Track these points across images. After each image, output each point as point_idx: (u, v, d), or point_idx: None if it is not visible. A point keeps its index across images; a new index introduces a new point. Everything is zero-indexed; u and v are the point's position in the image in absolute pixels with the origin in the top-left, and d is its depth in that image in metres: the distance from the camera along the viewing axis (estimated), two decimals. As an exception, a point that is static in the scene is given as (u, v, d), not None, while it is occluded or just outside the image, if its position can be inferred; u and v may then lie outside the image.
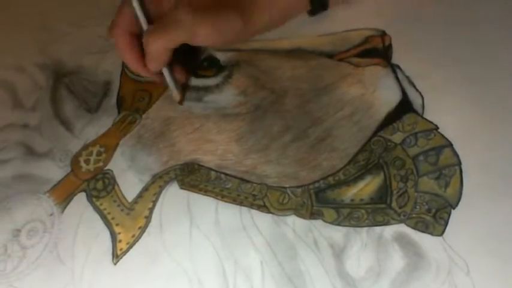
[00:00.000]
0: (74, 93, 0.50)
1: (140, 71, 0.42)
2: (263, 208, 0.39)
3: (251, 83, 0.46)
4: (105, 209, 0.41)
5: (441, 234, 0.36)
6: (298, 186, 0.40)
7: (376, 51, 0.46)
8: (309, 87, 0.45)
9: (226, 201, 0.40)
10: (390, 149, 0.41)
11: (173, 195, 0.41)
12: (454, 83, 0.43)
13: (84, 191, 0.43)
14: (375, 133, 0.42)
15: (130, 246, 0.39)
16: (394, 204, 0.38)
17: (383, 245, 0.36)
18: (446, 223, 0.37)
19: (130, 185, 0.42)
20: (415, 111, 0.42)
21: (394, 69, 0.45)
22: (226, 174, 0.42)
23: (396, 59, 0.46)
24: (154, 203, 0.41)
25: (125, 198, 0.41)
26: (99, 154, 0.44)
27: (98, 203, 0.42)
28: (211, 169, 0.42)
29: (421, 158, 0.40)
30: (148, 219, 0.40)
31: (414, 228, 0.37)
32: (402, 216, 0.37)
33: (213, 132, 0.44)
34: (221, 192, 0.41)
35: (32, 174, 0.45)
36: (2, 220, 0.42)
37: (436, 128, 0.41)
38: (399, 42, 0.46)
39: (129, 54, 0.41)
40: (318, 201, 0.39)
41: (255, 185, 0.41)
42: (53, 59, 0.53)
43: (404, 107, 0.43)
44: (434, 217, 0.37)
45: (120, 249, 0.39)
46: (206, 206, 0.40)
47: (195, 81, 0.47)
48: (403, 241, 0.36)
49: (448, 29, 0.47)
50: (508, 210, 0.36)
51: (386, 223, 0.37)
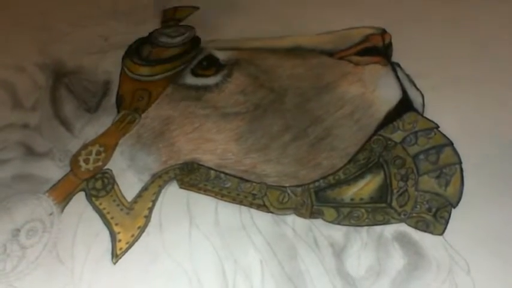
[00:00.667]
0: (73, 93, 0.49)
1: None
2: (263, 207, 0.39)
3: (250, 82, 0.46)
4: (104, 209, 0.41)
5: (442, 233, 0.36)
6: (298, 186, 0.40)
7: (376, 49, 0.46)
8: (309, 85, 0.45)
9: (225, 201, 0.40)
10: (390, 147, 0.40)
11: (173, 194, 0.41)
12: (454, 82, 0.43)
13: (83, 190, 0.42)
14: (375, 132, 0.41)
15: (130, 245, 0.39)
16: (394, 203, 0.38)
17: (383, 244, 0.36)
18: (447, 222, 0.36)
19: (129, 184, 0.42)
20: (415, 110, 0.42)
21: (394, 67, 0.45)
22: (225, 174, 0.41)
23: (396, 57, 0.45)
24: (154, 202, 0.41)
25: (124, 198, 0.41)
26: (98, 153, 0.44)
27: (97, 203, 0.41)
28: (211, 168, 0.42)
29: (422, 156, 0.39)
30: (147, 218, 0.40)
31: (415, 227, 0.37)
32: (402, 216, 0.37)
33: (212, 131, 0.44)
34: (221, 191, 0.41)
35: (31, 174, 0.45)
36: (1, 220, 0.42)
37: (437, 126, 0.41)
38: (399, 41, 0.46)
39: None
40: (318, 200, 0.39)
41: (254, 184, 0.40)
42: (53, 59, 0.53)
43: (405, 105, 0.42)
44: (435, 216, 0.37)
45: (120, 249, 0.39)
46: (206, 205, 0.40)
47: (194, 81, 0.47)
48: (403, 240, 0.36)
49: (448, 28, 0.47)
50: (508, 209, 0.36)
51: (386, 222, 0.37)
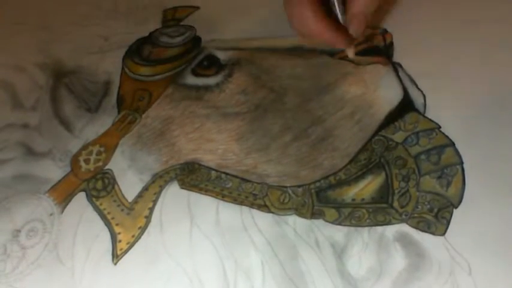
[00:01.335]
0: (73, 93, 0.49)
1: (340, 36, 0.38)
2: (264, 208, 0.39)
3: (251, 81, 0.46)
4: (105, 209, 0.41)
5: (443, 234, 0.36)
6: (299, 186, 0.40)
7: (378, 49, 0.46)
8: (310, 86, 0.45)
9: (226, 201, 0.40)
10: (391, 148, 0.40)
11: (173, 194, 0.41)
12: (456, 81, 0.43)
13: (84, 190, 0.42)
14: (376, 132, 0.41)
15: (131, 246, 0.39)
16: (395, 203, 0.38)
17: (384, 244, 0.36)
18: (448, 223, 0.36)
19: (130, 184, 0.42)
20: (416, 110, 0.42)
21: (395, 67, 0.45)
22: (226, 174, 0.41)
23: (397, 57, 0.45)
24: (155, 202, 0.41)
25: (125, 198, 0.41)
26: (99, 154, 0.44)
27: (98, 203, 0.41)
28: (212, 168, 0.42)
29: (423, 157, 0.39)
30: (148, 219, 0.40)
31: (416, 227, 0.36)
32: (404, 216, 0.37)
33: (213, 131, 0.44)
34: (221, 191, 0.40)
35: (31, 174, 0.45)
36: (1, 220, 0.42)
37: (438, 127, 0.41)
38: (400, 41, 0.46)
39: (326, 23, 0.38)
40: (319, 200, 0.39)
41: (255, 184, 0.40)
42: (53, 59, 0.53)
43: (406, 106, 0.42)
44: (436, 217, 0.37)
45: (120, 249, 0.39)
46: (206, 205, 0.40)
47: (195, 80, 0.47)
48: (404, 241, 0.36)
49: (449, 28, 0.47)
50: (510, 210, 0.36)
51: (387, 223, 0.37)
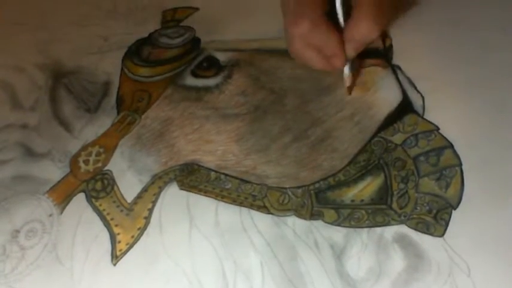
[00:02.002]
0: (73, 94, 0.49)
1: (336, 59, 0.39)
2: (263, 209, 0.39)
3: (251, 83, 0.46)
4: (104, 210, 0.41)
5: (442, 235, 0.36)
6: (298, 187, 0.40)
7: (377, 52, 0.46)
8: (309, 87, 0.45)
9: (226, 202, 0.40)
10: (391, 149, 0.40)
11: (173, 195, 0.41)
12: (454, 83, 0.43)
13: (83, 191, 0.42)
14: (375, 134, 0.42)
15: (130, 247, 0.39)
16: (394, 205, 0.38)
17: (383, 245, 0.36)
18: (447, 224, 0.36)
19: (129, 185, 0.42)
20: (415, 112, 0.42)
21: (394, 70, 0.45)
22: (226, 175, 0.41)
23: (397, 59, 0.46)
24: (154, 203, 0.41)
25: (124, 199, 0.41)
26: (98, 154, 0.44)
27: (97, 204, 0.41)
28: (211, 169, 0.42)
29: (422, 158, 0.40)
30: (147, 220, 0.40)
31: (415, 229, 0.37)
32: (403, 217, 0.37)
33: (212, 132, 0.44)
34: (221, 192, 0.41)
35: (31, 175, 0.44)
36: (0, 221, 0.42)
37: (437, 128, 0.41)
38: (400, 43, 0.46)
39: (332, 34, 0.38)
40: (318, 201, 0.39)
41: (254, 185, 0.40)
42: (53, 59, 0.53)
43: (405, 107, 0.42)
44: (435, 218, 0.37)
45: (120, 250, 0.39)
46: (206, 206, 0.40)
47: (194, 82, 0.47)
48: (403, 242, 0.36)
49: (448, 30, 0.47)
50: (509, 211, 0.36)
51: (386, 224, 0.37)
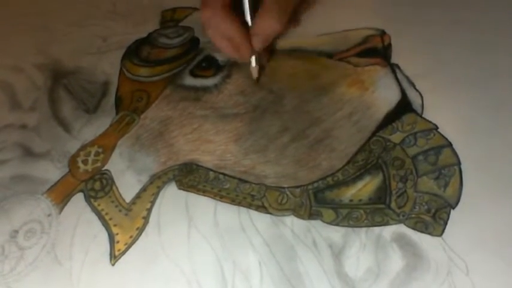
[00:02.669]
0: (72, 94, 0.49)
1: (243, 48, 0.42)
2: (262, 208, 0.39)
3: (250, 83, 0.46)
4: (102, 210, 0.41)
5: (441, 234, 0.36)
6: (297, 187, 0.40)
7: (376, 50, 0.46)
8: (308, 87, 0.45)
9: (224, 202, 0.40)
10: (389, 149, 0.40)
11: (171, 195, 0.41)
12: (453, 82, 0.43)
13: (82, 191, 0.42)
14: (374, 133, 0.41)
15: (128, 247, 0.39)
16: (393, 204, 0.38)
17: (382, 245, 0.36)
18: (446, 223, 0.36)
19: (128, 185, 0.42)
20: (414, 111, 0.42)
21: (393, 69, 0.45)
22: (224, 175, 0.41)
23: (396, 58, 0.46)
24: (153, 203, 0.41)
25: (123, 199, 0.41)
26: (97, 154, 0.44)
27: (96, 204, 0.41)
28: (210, 169, 0.42)
29: (421, 158, 0.39)
30: (146, 219, 0.40)
31: (413, 228, 0.37)
32: (401, 217, 0.37)
33: (211, 132, 0.44)
34: (219, 192, 0.40)
35: (29, 175, 0.44)
36: (-1, 221, 0.42)
37: (436, 127, 0.41)
38: (399, 42, 0.46)
39: (235, 25, 0.41)
40: (316, 201, 0.39)
41: (253, 185, 0.40)
42: (52, 59, 0.53)
43: (404, 107, 0.42)
44: (434, 217, 0.37)
45: (118, 250, 0.39)
46: (205, 206, 0.40)
47: (193, 82, 0.47)
48: (402, 241, 0.36)
49: (447, 29, 0.47)
50: (508, 210, 0.36)
51: (385, 223, 0.37)
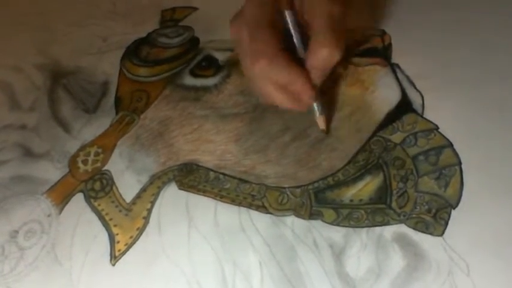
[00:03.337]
0: (72, 94, 0.49)
1: (306, 90, 0.36)
2: (262, 208, 0.39)
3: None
4: (103, 210, 0.41)
5: (441, 234, 0.36)
6: (297, 187, 0.40)
7: (376, 50, 0.46)
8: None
9: (225, 202, 0.40)
10: (390, 149, 0.40)
11: (172, 195, 0.41)
12: (454, 82, 0.43)
13: (81, 191, 0.42)
14: (374, 133, 0.41)
15: (129, 247, 0.39)
16: (393, 204, 0.38)
17: (383, 245, 0.36)
18: (447, 223, 0.36)
19: (128, 185, 0.42)
20: (414, 111, 0.42)
21: (393, 68, 0.45)
22: (225, 175, 0.41)
23: (396, 58, 0.45)
24: (153, 203, 0.41)
25: (123, 199, 0.41)
26: (96, 155, 0.44)
27: (96, 204, 0.41)
28: (210, 169, 0.42)
29: (421, 158, 0.39)
30: (146, 220, 0.40)
31: (414, 228, 0.36)
32: (402, 217, 0.37)
33: (211, 132, 0.44)
34: (220, 192, 0.40)
35: (29, 175, 0.44)
36: (-1, 221, 0.42)
37: (436, 127, 0.41)
38: (399, 42, 0.46)
39: (293, 69, 0.36)
40: (317, 201, 0.39)
41: (253, 185, 0.40)
42: (51, 60, 0.53)
43: (404, 106, 0.42)
44: (435, 217, 0.37)
45: (118, 251, 0.39)
46: (205, 206, 0.40)
47: (193, 81, 0.47)
48: (403, 241, 0.36)
49: (448, 29, 0.47)
50: (508, 210, 0.36)
51: (386, 223, 0.37)
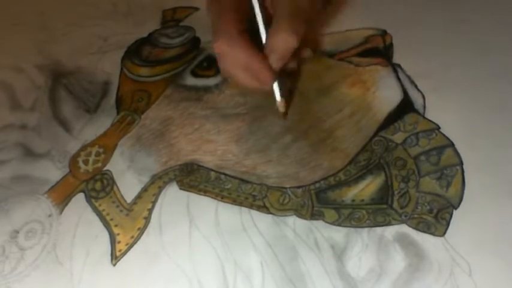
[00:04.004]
0: (72, 94, 0.49)
1: (262, 74, 0.38)
2: (263, 209, 0.39)
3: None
4: (103, 210, 0.41)
5: (443, 234, 0.36)
6: (298, 187, 0.40)
7: (377, 50, 0.46)
8: (310, 87, 0.45)
9: (226, 202, 0.40)
10: (391, 149, 0.40)
11: (172, 195, 0.41)
12: (455, 82, 0.43)
13: (82, 191, 0.42)
14: (375, 133, 0.41)
15: (130, 247, 0.39)
16: (395, 204, 0.38)
17: (384, 245, 0.36)
18: (448, 223, 0.36)
19: (129, 185, 0.42)
20: (416, 111, 0.42)
21: (395, 68, 0.45)
22: (226, 175, 0.41)
23: (397, 58, 0.45)
24: (154, 203, 0.41)
25: (124, 199, 0.41)
26: (97, 155, 0.44)
27: (97, 204, 0.41)
28: (211, 169, 0.42)
29: (423, 158, 0.39)
30: (147, 220, 0.40)
31: (416, 228, 0.36)
32: (403, 217, 0.37)
33: (212, 132, 0.44)
34: (221, 192, 0.40)
35: (30, 175, 0.44)
36: (0, 221, 0.42)
37: (438, 127, 0.41)
38: (400, 42, 0.46)
39: (252, 51, 0.37)
40: (318, 201, 0.39)
41: (255, 185, 0.40)
42: (52, 59, 0.53)
43: (406, 106, 0.42)
44: (436, 217, 0.37)
45: (119, 251, 0.39)
46: (206, 206, 0.40)
47: (194, 81, 0.47)
48: (404, 242, 0.36)
49: (449, 29, 0.47)
50: (510, 210, 0.36)
51: (387, 224, 0.37)
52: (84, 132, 0.46)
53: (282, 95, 0.41)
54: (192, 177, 0.42)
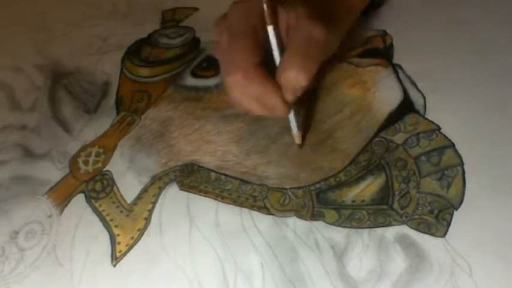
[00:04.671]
0: (72, 94, 0.49)
1: (279, 105, 0.36)
2: (264, 209, 0.39)
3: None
4: (103, 211, 0.41)
5: (443, 235, 0.36)
6: (299, 187, 0.40)
7: (378, 51, 0.46)
8: (309, 87, 0.45)
9: (226, 203, 0.40)
10: (392, 149, 0.40)
11: (173, 196, 0.41)
12: (456, 82, 0.43)
13: (82, 192, 0.42)
14: (376, 134, 0.41)
15: (130, 248, 0.39)
16: (395, 205, 0.38)
17: (385, 246, 0.36)
18: (449, 224, 0.36)
19: (129, 186, 0.42)
20: (416, 112, 0.42)
21: (395, 69, 0.45)
22: (226, 175, 0.41)
23: (398, 59, 0.45)
24: (154, 204, 0.41)
25: (124, 200, 0.41)
26: (97, 155, 0.44)
27: (97, 205, 0.41)
28: (211, 170, 0.42)
29: (423, 158, 0.39)
30: (147, 220, 0.40)
31: (416, 229, 0.36)
32: (404, 218, 0.37)
33: (212, 133, 0.44)
34: (221, 193, 0.40)
35: (30, 176, 0.44)
36: (-1, 222, 0.42)
37: (438, 128, 0.41)
38: (401, 42, 0.46)
39: (267, 85, 0.35)
40: (319, 202, 0.39)
41: (255, 186, 0.40)
42: (51, 60, 0.53)
43: (406, 107, 0.42)
44: (437, 218, 0.37)
45: (119, 251, 0.39)
46: (206, 207, 0.40)
47: (194, 82, 0.47)
48: (405, 242, 0.36)
49: (449, 29, 0.47)
50: (510, 210, 0.36)
51: (388, 224, 0.37)
52: (84, 133, 0.46)
53: (298, 129, 0.40)
54: (193, 178, 0.42)
